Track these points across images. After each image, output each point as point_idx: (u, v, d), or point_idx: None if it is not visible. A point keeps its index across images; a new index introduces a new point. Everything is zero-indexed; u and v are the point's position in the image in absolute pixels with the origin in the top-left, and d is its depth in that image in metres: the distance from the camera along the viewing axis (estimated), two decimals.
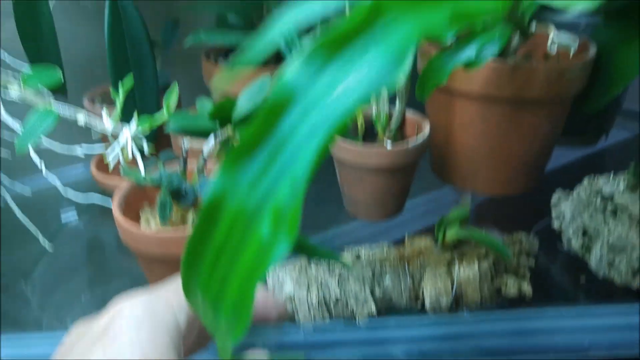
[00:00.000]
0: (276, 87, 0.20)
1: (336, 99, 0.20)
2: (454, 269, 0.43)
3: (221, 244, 0.20)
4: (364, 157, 0.52)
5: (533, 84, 0.52)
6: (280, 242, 0.19)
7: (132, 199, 0.42)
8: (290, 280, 0.42)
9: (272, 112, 0.20)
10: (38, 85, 0.38)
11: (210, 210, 0.20)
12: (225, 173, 0.20)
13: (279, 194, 0.20)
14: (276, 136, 0.20)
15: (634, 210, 0.48)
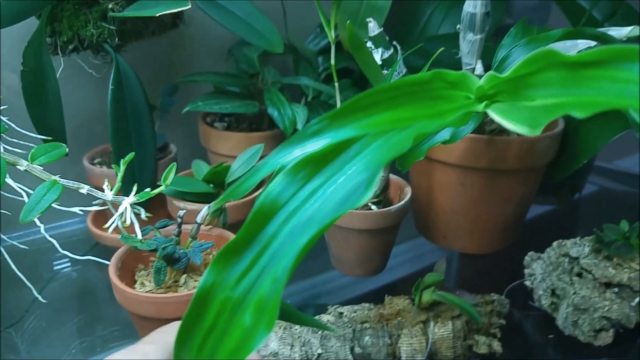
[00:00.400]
0: (263, 197, 0.24)
1: (314, 211, 0.24)
2: (429, 328, 0.46)
3: (209, 327, 0.24)
4: (349, 219, 0.55)
5: (507, 155, 0.56)
6: (261, 330, 0.22)
7: (128, 260, 0.45)
8: (275, 337, 0.45)
9: (258, 218, 0.23)
10: (45, 160, 0.41)
11: (201, 298, 0.24)
12: (216, 268, 0.24)
13: (261, 289, 0.23)
14: (261, 240, 0.24)
15: (597, 273, 0.51)
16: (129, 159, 0.43)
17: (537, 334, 0.55)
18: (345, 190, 0.24)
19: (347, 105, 0.22)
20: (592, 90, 0.21)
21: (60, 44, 0.58)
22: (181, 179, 0.55)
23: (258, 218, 0.24)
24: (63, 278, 0.65)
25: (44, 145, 0.43)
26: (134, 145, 0.59)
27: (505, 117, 0.25)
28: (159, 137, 0.68)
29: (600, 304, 0.50)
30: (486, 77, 0.28)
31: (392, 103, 0.23)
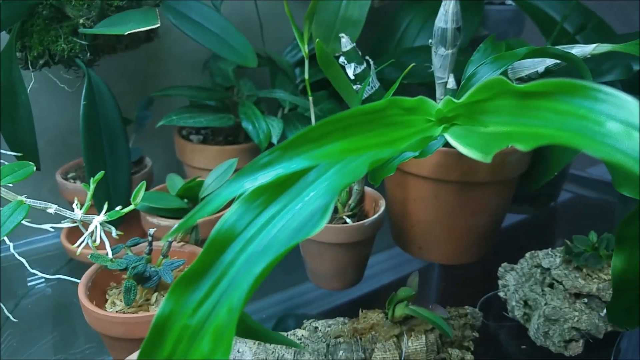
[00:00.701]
0: (219, 225, 0.24)
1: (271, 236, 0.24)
2: (403, 342, 0.46)
3: (168, 355, 0.24)
4: (324, 233, 0.55)
5: (478, 168, 0.57)
6: (219, 357, 0.23)
7: (99, 279, 0.45)
8: (250, 353, 0.45)
9: (215, 247, 0.24)
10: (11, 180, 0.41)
11: (159, 326, 0.24)
12: (173, 296, 0.24)
13: (219, 317, 0.23)
14: (219, 267, 0.24)
15: (567, 283, 0.52)
16: (99, 177, 0.43)
17: (511, 345, 0.56)
18: (302, 217, 0.24)
19: (298, 137, 0.22)
20: (538, 120, 0.21)
21: (30, 58, 0.57)
22: (154, 195, 0.55)
23: (214, 246, 0.24)
24: (37, 294, 0.65)
25: (10, 165, 0.43)
26: (107, 160, 0.59)
27: (461, 142, 0.26)
28: (134, 151, 0.67)
29: (570, 315, 0.50)
30: (444, 102, 0.29)
31: (346, 132, 0.23)
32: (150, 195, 0.53)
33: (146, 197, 0.52)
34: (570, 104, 0.19)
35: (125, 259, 0.42)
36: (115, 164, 0.59)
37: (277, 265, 0.47)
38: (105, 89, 0.59)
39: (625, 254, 0.42)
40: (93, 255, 0.42)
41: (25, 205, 0.40)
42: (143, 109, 0.69)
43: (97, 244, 0.42)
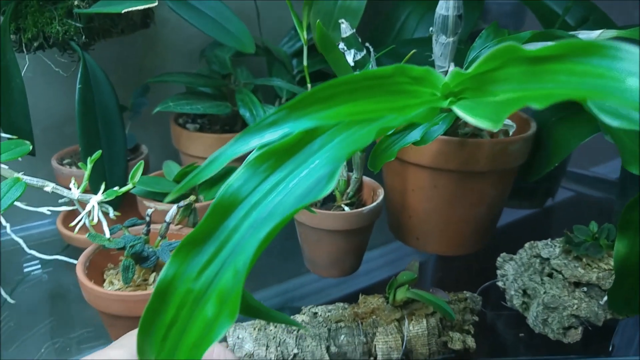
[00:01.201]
0: (226, 188, 0.24)
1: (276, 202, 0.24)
2: (404, 326, 0.46)
3: (172, 319, 0.23)
4: (322, 220, 0.55)
5: (478, 157, 0.57)
6: (223, 322, 0.22)
7: (96, 260, 0.45)
8: (250, 338, 0.44)
9: (219, 211, 0.23)
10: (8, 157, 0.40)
11: (162, 290, 0.23)
12: (177, 259, 0.23)
13: (223, 281, 0.23)
14: (222, 232, 0.24)
15: (566, 273, 0.52)
16: (96, 156, 0.42)
17: (509, 333, 0.56)
18: (307, 184, 0.24)
19: (305, 97, 0.22)
20: (551, 83, 0.21)
21: (24, 41, 0.57)
22: (151, 179, 0.54)
23: (218, 211, 0.23)
24: (33, 280, 0.64)
25: (7, 142, 0.42)
26: (104, 145, 0.59)
27: (468, 113, 0.25)
28: (130, 138, 0.67)
29: (570, 303, 0.50)
30: (451, 74, 0.28)
31: (352, 96, 0.23)
32: (147, 180, 0.53)
33: (143, 181, 0.52)
34: (586, 65, 0.19)
35: (123, 239, 0.42)
36: (112, 150, 0.59)
37: (273, 254, 0.46)
38: (101, 73, 0.59)
39: (628, 239, 0.42)
40: (90, 234, 0.42)
41: (22, 182, 0.39)
42: (139, 96, 0.69)
43: (94, 222, 0.41)
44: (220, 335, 0.22)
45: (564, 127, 0.60)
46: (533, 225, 0.80)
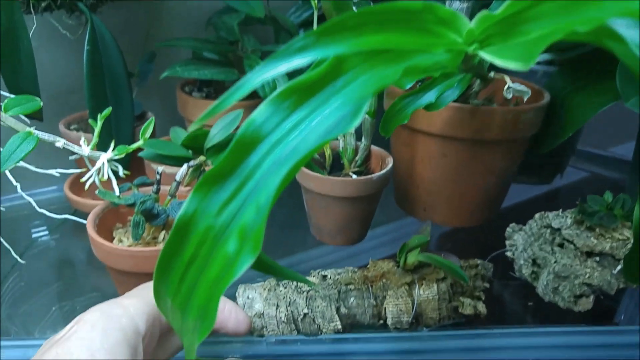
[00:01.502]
0: (248, 125, 0.23)
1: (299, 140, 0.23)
2: (415, 290, 0.46)
3: (191, 256, 0.23)
4: (330, 187, 0.54)
5: (490, 125, 0.56)
6: (245, 257, 0.22)
7: (106, 218, 0.44)
8: (260, 299, 0.44)
9: (241, 147, 0.23)
10: (18, 112, 0.40)
11: (182, 227, 0.23)
12: (197, 195, 0.23)
13: (245, 217, 0.22)
14: (244, 169, 0.23)
15: (578, 242, 0.52)
16: (107, 113, 0.42)
17: (517, 302, 0.56)
18: (331, 120, 0.23)
19: (334, 23, 0.21)
20: (594, 11, 0.20)
21: (32, 1, 0.55)
22: (160, 142, 0.53)
23: (241, 147, 0.23)
24: (41, 246, 0.64)
25: (18, 97, 0.41)
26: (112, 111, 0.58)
27: (496, 55, 0.25)
28: (136, 105, 0.66)
29: (582, 272, 0.50)
30: (477, 19, 0.27)
31: (381, 27, 0.22)
32: (155, 143, 0.52)
33: (152, 143, 0.51)
34: None
35: (133, 196, 0.41)
36: (119, 113, 0.58)
37: (278, 224, 0.45)
38: (109, 35, 0.58)
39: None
40: (100, 191, 0.41)
41: (34, 136, 0.39)
42: (145, 63, 0.68)
43: (104, 179, 0.40)
44: (241, 271, 0.22)
45: (580, 96, 0.60)
46: (542, 200, 0.79)
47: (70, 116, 0.67)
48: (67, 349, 0.27)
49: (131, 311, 0.30)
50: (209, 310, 0.22)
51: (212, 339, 0.42)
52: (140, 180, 0.43)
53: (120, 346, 0.28)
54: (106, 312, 0.30)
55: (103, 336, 0.28)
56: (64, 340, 0.28)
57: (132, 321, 0.30)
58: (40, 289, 0.56)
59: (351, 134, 0.59)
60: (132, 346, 0.29)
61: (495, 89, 0.66)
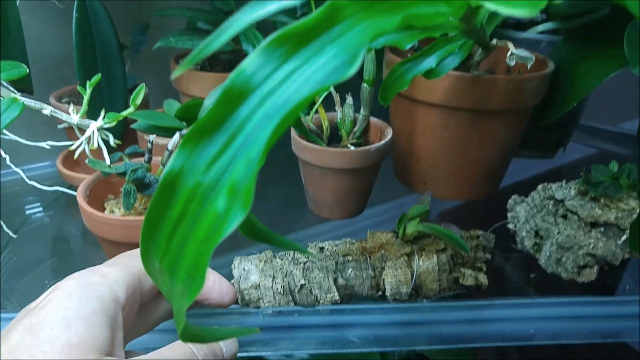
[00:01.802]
0: (237, 75, 0.21)
1: (291, 91, 0.22)
2: (414, 261, 0.45)
3: (179, 215, 0.22)
4: (327, 158, 0.53)
5: (493, 95, 0.54)
6: (235, 214, 0.20)
7: (97, 189, 0.43)
8: (256, 270, 0.43)
9: (229, 99, 0.21)
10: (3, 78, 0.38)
11: (169, 184, 0.22)
12: (184, 151, 0.21)
13: (235, 172, 0.21)
14: (234, 122, 0.22)
15: (582, 213, 0.51)
16: (96, 80, 0.40)
17: (520, 273, 0.55)
18: (325, 70, 0.22)
19: None
20: None
21: None
22: (153, 113, 0.52)
23: (229, 99, 0.21)
24: (35, 222, 0.63)
25: (3, 62, 0.40)
26: (103, 80, 0.56)
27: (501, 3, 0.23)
28: (129, 79, 0.64)
29: (585, 242, 0.49)
30: None
31: None
32: (148, 114, 0.51)
33: (144, 114, 0.50)
34: None
35: (124, 165, 0.40)
36: (111, 85, 0.56)
37: (275, 199, 0.43)
38: (99, 4, 0.56)
39: None
40: (90, 160, 0.40)
41: (20, 102, 0.37)
42: (138, 34, 0.66)
43: (94, 147, 0.39)
44: (231, 229, 0.20)
45: (584, 64, 0.58)
46: (544, 174, 0.78)
47: (61, 89, 0.66)
48: (42, 317, 0.26)
49: (110, 279, 0.29)
50: (198, 271, 0.21)
51: (209, 311, 0.42)
52: (131, 150, 0.42)
53: (98, 315, 0.27)
54: (83, 280, 0.28)
55: (79, 304, 0.27)
56: (38, 309, 0.27)
57: (110, 289, 0.28)
58: (35, 265, 0.56)
59: (349, 105, 0.58)
60: (111, 315, 0.28)
61: (497, 60, 0.65)
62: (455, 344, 0.42)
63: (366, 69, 0.54)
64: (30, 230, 0.61)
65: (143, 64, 0.70)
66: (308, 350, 0.43)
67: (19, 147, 0.63)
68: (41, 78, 0.69)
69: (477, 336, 0.43)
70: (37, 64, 0.68)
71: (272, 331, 0.42)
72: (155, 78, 0.75)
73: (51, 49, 0.70)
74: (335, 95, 0.57)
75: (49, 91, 0.66)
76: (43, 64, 0.70)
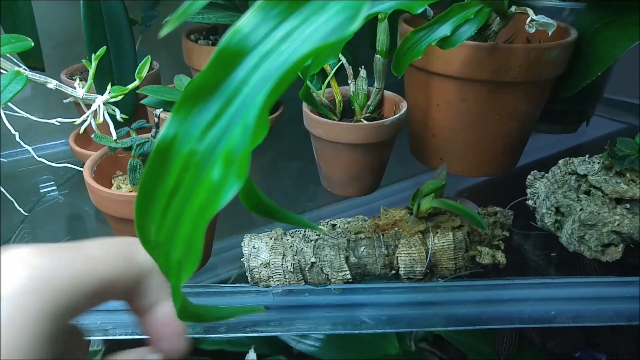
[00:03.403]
0: (232, 34, 0.20)
1: (291, 50, 0.20)
2: (429, 239, 0.43)
3: (174, 186, 0.20)
4: (340, 132, 0.52)
5: (511, 65, 0.52)
6: (231, 184, 0.19)
7: (104, 165, 0.43)
8: (266, 248, 0.42)
9: (225, 60, 0.20)
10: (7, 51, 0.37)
11: (162, 153, 0.20)
12: (177, 117, 0.20)
13: (231, 139, 0.20)
14: (229, 85, 0.20)
15: (607, 189, 0.48)
16: (101, 53, 0.39)
17: (539, 253, 0.53)
18: (327, 28, 0.20)
19: None
20: None
21: None
22: (163, 88, 0.51)
23: (224, 60, 0.20)
24: (50, 201, 0.63)
25: (7, 35, 0.39)
26: (112, 56, 0.55)
27: None
28: (140, 54, 0.63)
29: (610, 219, 0.47)
30: None
31: None
32: (157, 89, 0.50)
33: (153, 90, 0.49)
34: None
35: (130, 140, 0.39)
36: (121, 61, 0.56)
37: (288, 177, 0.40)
38: None
39: None
40: (97, 135, 0.39)
41: (23, 76, 0.37)
42: (148, 9, 0.65)
43: (99, 121, 0.38)
44: (227, 199, 0.19)
45: (609, 31, 0.55)
46: (565, 151, 0.75)
47: (72, 66, 0.65)
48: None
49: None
50: (194, 244, 0.20)
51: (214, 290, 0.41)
52: (138, 124, 0.41)
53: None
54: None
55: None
56: None
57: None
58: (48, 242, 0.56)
59: (363, 78, 0.56)
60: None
61: (516, 31, 0.62)
62: (472, 325, 0.41)
63: (379, 39, 0.52)
64: (44, 209, 0.61)
65: (154, 39, 0.69)
66: (319, 332, 0.42)
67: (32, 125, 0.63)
68: (53, 56, 0.68)
69: (495, 317, 0.42)
70: (49, 41, 0.68)
71: (282, 311, 0.41)
72: (166, 54, 0.74)
73: (62, 27, 0.70)
74: (348, 69, 0.56)
75: (61, 69, 0.65)
76: (55, 41, 0.69)
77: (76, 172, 0.65)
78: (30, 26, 0.55)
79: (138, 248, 0.25)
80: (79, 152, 0.60)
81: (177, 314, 0.22)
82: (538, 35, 0.58)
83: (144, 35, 0.66)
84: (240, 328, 0.40)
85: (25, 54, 0.56)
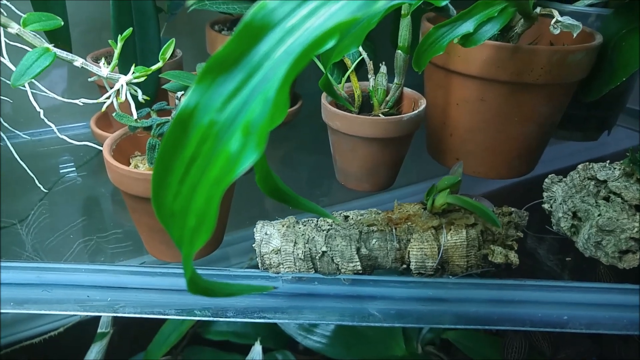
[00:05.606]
0: (258, 9, 0.20)
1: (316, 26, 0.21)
2: (442, 235, 0.43)
3: (192, 155, 0.21)
4: (358, 126, 0.52)
5: (533, 67, 0.52)
6: (249, 154, 0.20)
7: (123, 145, 0.43)
8: (278, 235, 0.42)
9: (249, 33, 0.20)
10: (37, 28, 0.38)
11: (182, 122, 0.21)
12: (200, 87, 0.21)
13: (251, 111, 0.20)
14: (253, 58, 0.21)
15: (627, 195, 0.48)
16: (127, 34, 0.40)
17: (553, 257, 0.52)
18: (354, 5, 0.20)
19: None
20: None
21: None
22: (185, 74, 0.51)
23: (249, 34, 0.20)
24: (68, 182, 0.64)
25: (37, 13, 0.40)
26: (137, 40, 0.56)
27: None
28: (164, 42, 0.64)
29: (629, 225, 0.46)
30: None
31: None
32: (179, 74, 0.50)
33: (176, 75, 0.49)
34: None
35: (151, 120, 0.40)
36: (145, 46, 0.56)
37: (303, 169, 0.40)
38: None
39: None
40: (118, 114, 0.40)
41: (52, 52, 0.37)
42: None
43: (121, 99, 0.39)
44: (244, 169, 0.19)
45: (635, 37, 0.54)
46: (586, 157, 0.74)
47: (98, 51, 0.66)
48: None
49: None
50: (208, 214, 0.20)
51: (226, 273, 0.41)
52: (159, 106, 0.42)
53: None
54: None
55: None
56: None
57: None
58: (65, 223, 0.57)
59: (383, 73, 0.56)
60: None
61: (540, 34, 0.62)
62: (481, 325, 0.40)
63: (401, 35, 0.52)
64: (62, 189, 0.62)
65: (179, 28, 0.70)
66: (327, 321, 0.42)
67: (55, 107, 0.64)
68: (80, 41, 0.70)
69: (505, 318, 0.41)
70: (77, 26, 0.69)
71: (290, 298, 0.41)
72: (190, 42, 0.75)
73: (91, 13, 0.71)
74: (369, 63, 0.56)
75: (87, 54, 0.67)
76: (83, 27, 0.71)
77: (95, 154, 0.66)
78: (61, 9, 0.56)
79: None
80: (99, 134, 0.61)
81: (187, 285, 0.23)
82: (562, 40, 0.57)
83: (169, 24, 0.67)
84: (248, 313, 0.41)
85: (54, 35, 0.57)
